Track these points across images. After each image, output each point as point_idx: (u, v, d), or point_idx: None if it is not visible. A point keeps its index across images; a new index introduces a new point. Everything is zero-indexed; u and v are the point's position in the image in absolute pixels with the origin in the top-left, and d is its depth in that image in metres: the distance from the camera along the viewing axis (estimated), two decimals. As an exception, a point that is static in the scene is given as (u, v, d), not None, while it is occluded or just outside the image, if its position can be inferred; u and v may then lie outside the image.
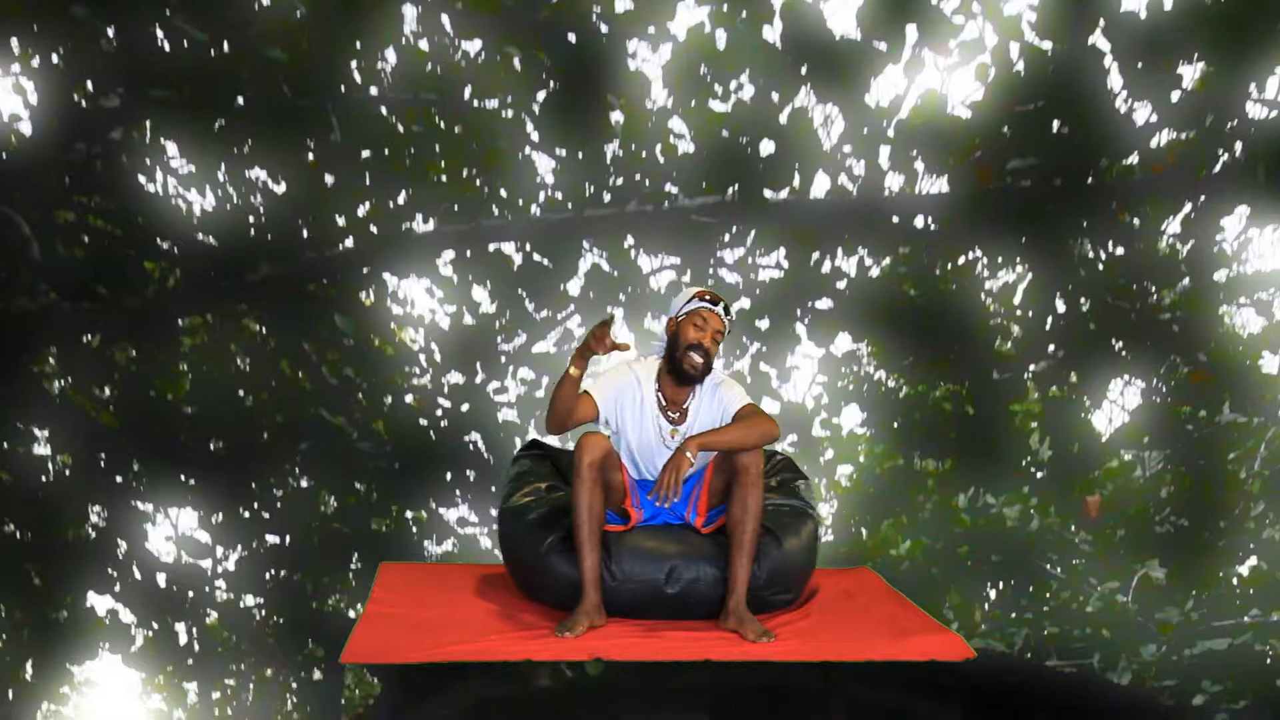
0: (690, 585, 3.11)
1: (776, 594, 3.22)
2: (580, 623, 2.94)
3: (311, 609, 7.85)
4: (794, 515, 3.35)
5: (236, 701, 12.58)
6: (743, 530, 3.08)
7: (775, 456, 3.70)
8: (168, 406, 6.21)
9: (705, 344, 3.19)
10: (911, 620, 3.25)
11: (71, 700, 14.55)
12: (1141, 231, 5.46)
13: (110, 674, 20.21)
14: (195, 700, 14.50)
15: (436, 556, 8.05)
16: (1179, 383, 6.39)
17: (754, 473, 3.07)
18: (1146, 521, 7.34)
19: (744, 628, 3.00)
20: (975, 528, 9.04)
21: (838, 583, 3.56)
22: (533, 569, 3.17)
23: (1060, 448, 6.81)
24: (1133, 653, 9.20)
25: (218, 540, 7.01)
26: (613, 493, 3.18)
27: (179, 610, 7.55)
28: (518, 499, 3.28)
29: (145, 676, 15.07)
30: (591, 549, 3.03)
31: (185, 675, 13.31)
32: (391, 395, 6.42)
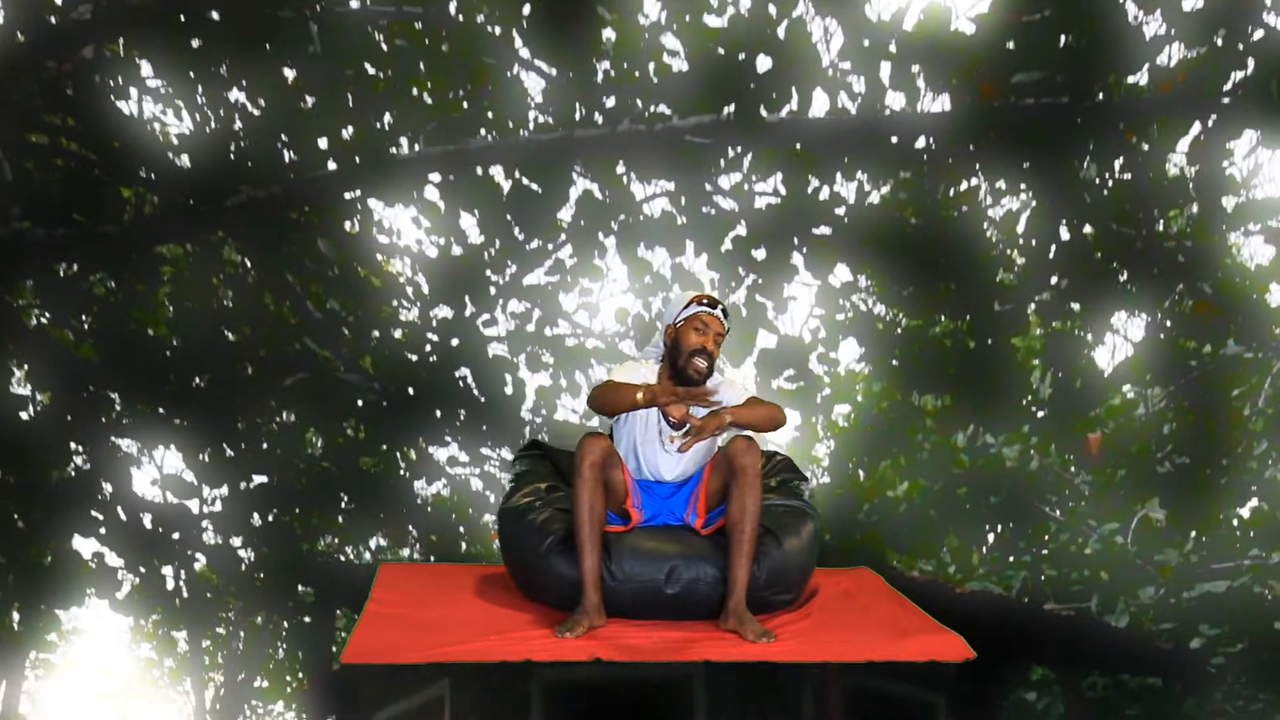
0: (690, 585, 3.15)
1: (776, 594, 3.25)
2: (580, 623, 2.98)
3: (301, 551, 7.85)
4: (794, 515, 3.40)
5: (227, 650, 12.67)
6: (741, 531, 3.11)
7: (775, 457, 3.72)
8: (149, 341, 6.14)
9: (708, 347, 3.25)
10: (911, 620, 3.27)
11: (60, 648, 14.68)
12: (1149, 154, 5.37)
13: (98, 621, 20.20)
14: (185, 649, 14.61)
15: (428, 499, 8.05)
16: (1184, 316, 6.34)
17: (752, 473, 3.12)
18: (1148, 460, 7.34)
19: (744, 628, 3.03)
20: (974, 469, 9.08)
21: (838, 583, 3.60)
22: (533, 569, 3.21)
23: (1061, 384, 6.78)
24: (1131, 595, 9.28)
25: (204, 480, 6.97)
26: (613, 493, 3.22)
27: (166, 553, 7.52)
28: (518, 499, 3.33)
29: (134, 623, 15.19)
30: (592, 549, 3.06)
31: (174, 623, 13.42)
32: (379, 330, 6.36)
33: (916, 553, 8.70)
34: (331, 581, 8.63)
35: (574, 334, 6.61)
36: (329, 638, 9.35)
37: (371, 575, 9.71)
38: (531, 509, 3.28)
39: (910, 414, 6.78)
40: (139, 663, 16.15)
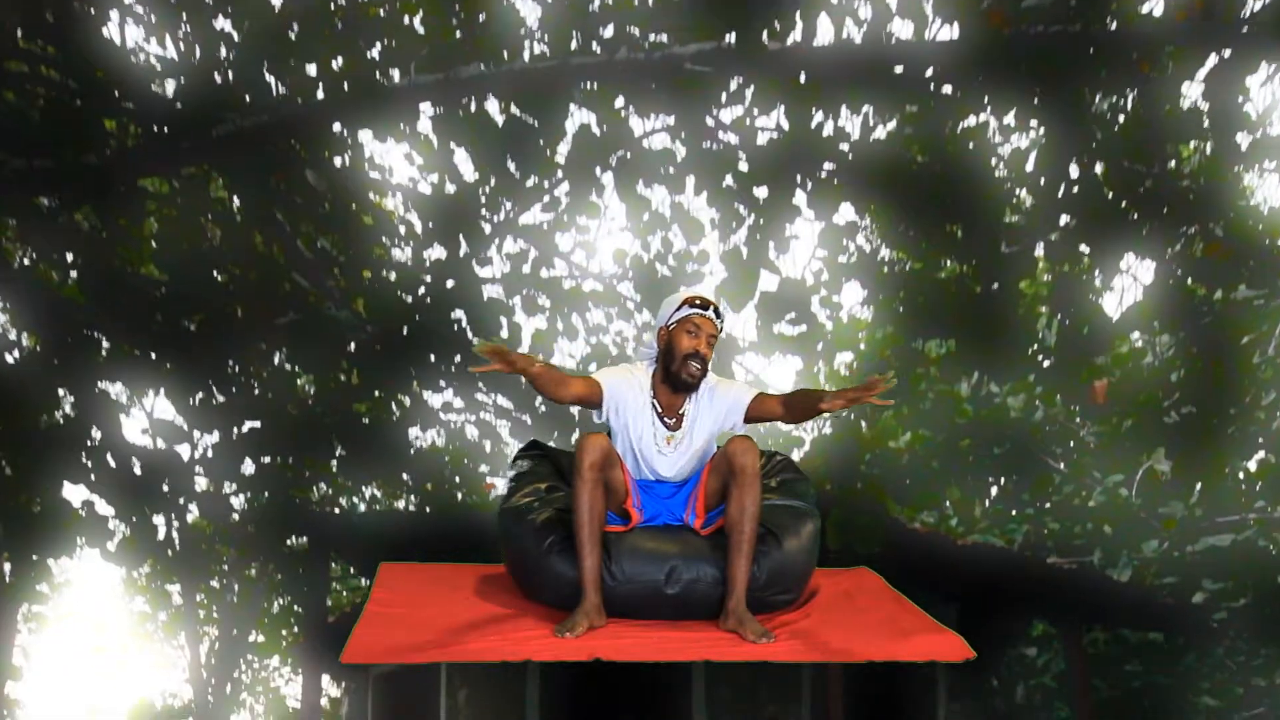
0: (690, 586, 3.16)
1: (776, 594, 3.26)
2: (580, 623, 2.99)
3: (294, 500, 7.86)
4: (794, 515, 3.39)
5: (221, 603, 12.75)
6: (741, 531, 3.12)
7: (775, 457, 3.73)
8: (136, 281, 6.09)
9: (702, 350, 3.23)
10: (911, 620, 3.27)
11: (52, 601, 14.74)
12: (1162, 87, 5.28)
13: (90, 573, 20.40)
14: (179, 603, 14.70)
15: (422, 447, 8.05)
16: (1194, 259, 6.28)
17: (750, 473, 3.12)
18: (1155, 409, 7.31)
19: (744, 628, 3.04)
20: (978, 419, 9.06)
21: (838, 583, 3.61)
22: (533, 569, 3.22)
23: (1068, 330, 6.73)
24: (1134, 549, 9.31)
25: (194, 425, 6.94)
26: (614, 493, 3.22)
27: (156, 501, 7.52)
28: (518, 499, 3.33)
29: (126, 575, 15.27)
30: (592, 549, 3.07)
31: (168, 575, 13.48)
32: (371, 270, 6.30)
33: (918, 504, 8.70)
34: (325, 532, 8.66)
35: (571, 275, 6.55)
36: (323, 589, 9.39)
37: (365, 526, 9.79)
38: (531, 509, 3.29)
39: (914, 360, 6.73)
40: (133, 616, 16.23)
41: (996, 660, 12.29)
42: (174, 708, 18.80)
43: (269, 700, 18.63)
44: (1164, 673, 11.66)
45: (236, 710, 18.03)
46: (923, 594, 10.79)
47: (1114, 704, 11.98)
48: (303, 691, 9.19)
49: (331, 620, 11.12)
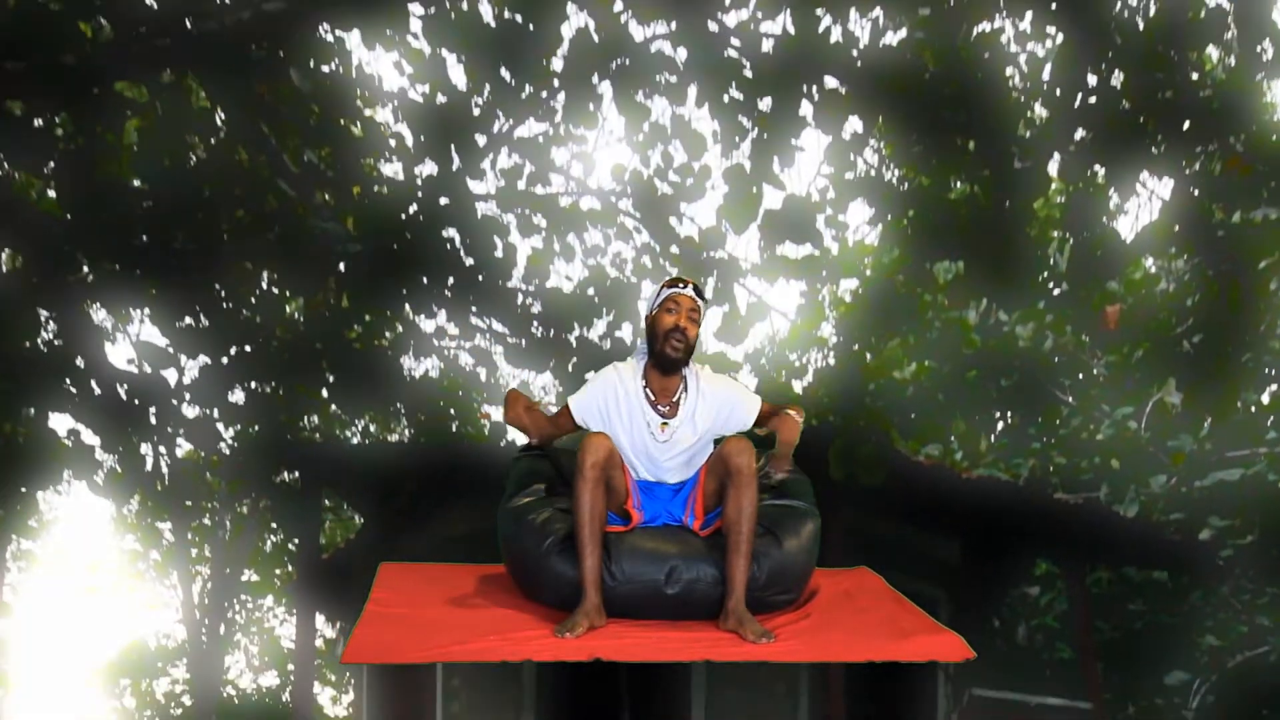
0: (690, 586, 3.21)
1: (776, 594, 3.31)
2: (580, 623, 3.03)
3: (284, 430, 7.81)
4: (794, 515, 3.43)
5: (213, 540, 12.83)
6: (738, 531, 3.16)
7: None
8: (117, 196, 5.96)
9: (681, 324, 3.30)
10: (911, 620, 3.30)
11: (41, 537, 14.85)
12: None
13: (80, 510, 20.52)
14: (170, 541, 14.79)
15: (416, 375, 7.98)
16: (1212, 176, 6.17)
17: (746, 474, 3.16)
18: (1167, 335, 7.23)
19: (743, 628, 3.08)
20: (985, 349, 9.00)
21: (837, 583, 3.65)
22: (533, 569, 3.26)
23: (1081, 252, 6.64)
24: (1141, 484, 9.31)
25: (180, 349, 6.86)
26: (615, 493, 3.27)
27: (143, 429, 7.46)
28: (518, 499, 3.37)
29: (116, 513, 15.36)
30: (593, 549, 3.11)
31: (159, 513, 13.52)
32: (360, 185, 6.18)
33: (923, 437, 8.68)
34: (317, 465, 8.63)
35: (568, 192, 6.44)
36: (315, 525, 9.41)
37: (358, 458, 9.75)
38: (531, 509, 3.34)
39: (921, 280, 6.63)
40: (124, 555, 16.36)
41: (998, 600, 12.38)
42: (168, 648, 19.02)
43: (263, 641, 18.87)
44: (1167, 612, 11.76)
45: (231, 651, 18.25)
46: (926, 529, 10.88)
47: (1116, 645, 12.09)
48: (297, 632, 9.27)
49: (325, 557, 11.18)
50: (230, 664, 18.10)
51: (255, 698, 18.63)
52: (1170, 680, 11.13)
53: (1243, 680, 11.02)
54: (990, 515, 9.43)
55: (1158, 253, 7.31)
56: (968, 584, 11.09)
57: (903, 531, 9.85)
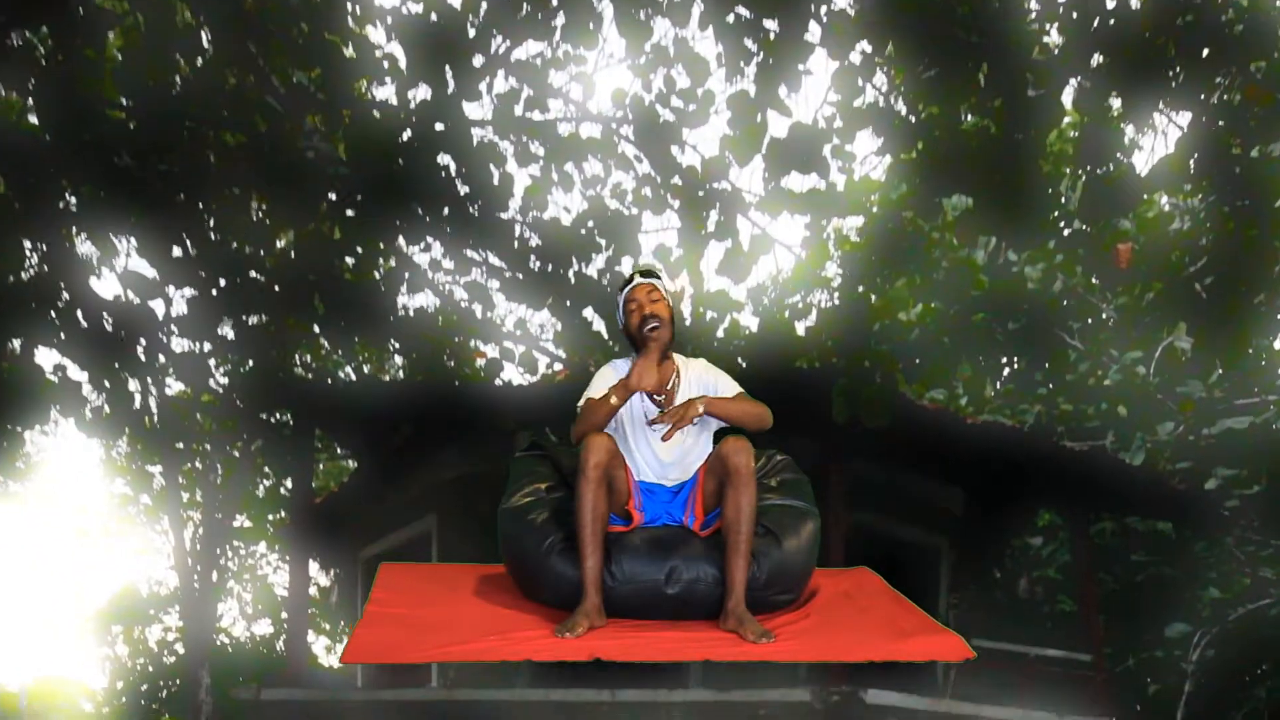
0: (690, 586, 3.27)
1: (776, 594, 3.36)
2: (580, 623, 3.08)
3: (275, 366, 7.76)
4: (794, 515, 3.49)
5: (204, 484, 12.80)
6: (737, 531, 3.21)
7: (775, 457, 3.83)
8: (100, 118, 5.86)
9: (648, 311, 3.46)
10: (911, 620, 3.35)
11: (29, 478, 14.86)
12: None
13: (68, 451, 20.66)
14: (161, 484, 14.80)
15: (410, 311, 7.92)
16: (1232, 107, 6.07)
17: (745, 473, 3.22)
18: (1179, 275, 7.16)
19: (743, 628, 3.13)
20: (993, 291, 8.95)
21: (837, 583, 3.71)
22: (533, 569, 3.33)
23: (1094, 189, 6.55)
24: (1149, 431, 9.31)
25: (167, 279, 6.79)
26: (616, 494, 3.33)
27: (131, 363, 7.41)
28: (518, 499, 3.45)
29: (105, 455, 15.34)
30: (594, 550, 3.17)
31: (148, 456, 13.51)
32: (352, 109, 6.08)
33: (928, 381, 8.64)
34: (309, 403, 8.61)
35: (566, 117, 6.34)
36: (308, 468, 9.41)
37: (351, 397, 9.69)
38: (532, 509, 3.41)
39: (929, 214, 6.54)
40: (114, 499, 16.35)
41: (1000, 551, 12.45)
42: (160, 595, 19.15)
43: (256, 588, 18.97)
44: (1170, 564, 11.83)
45: (224, 598, 18.38)
46: (929, 475, 10.86)
47: (1117, 597, 12.18)
48: (290, 579, 9.29)
49: (318, 501, 11.21)
50: (223, 612, 18.28)
51: (249, 646, 18.79)
52: (1171, 633, 11.22)
53: (1243, 633, 11.12)
54: (994, 462, 9.44)
55: (1172, 189, 7.22)
56: (970, 533, 11.14)
57: (905, 478, 9.86)
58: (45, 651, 44.62)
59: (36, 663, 38.02)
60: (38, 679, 24.17)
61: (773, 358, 7.83)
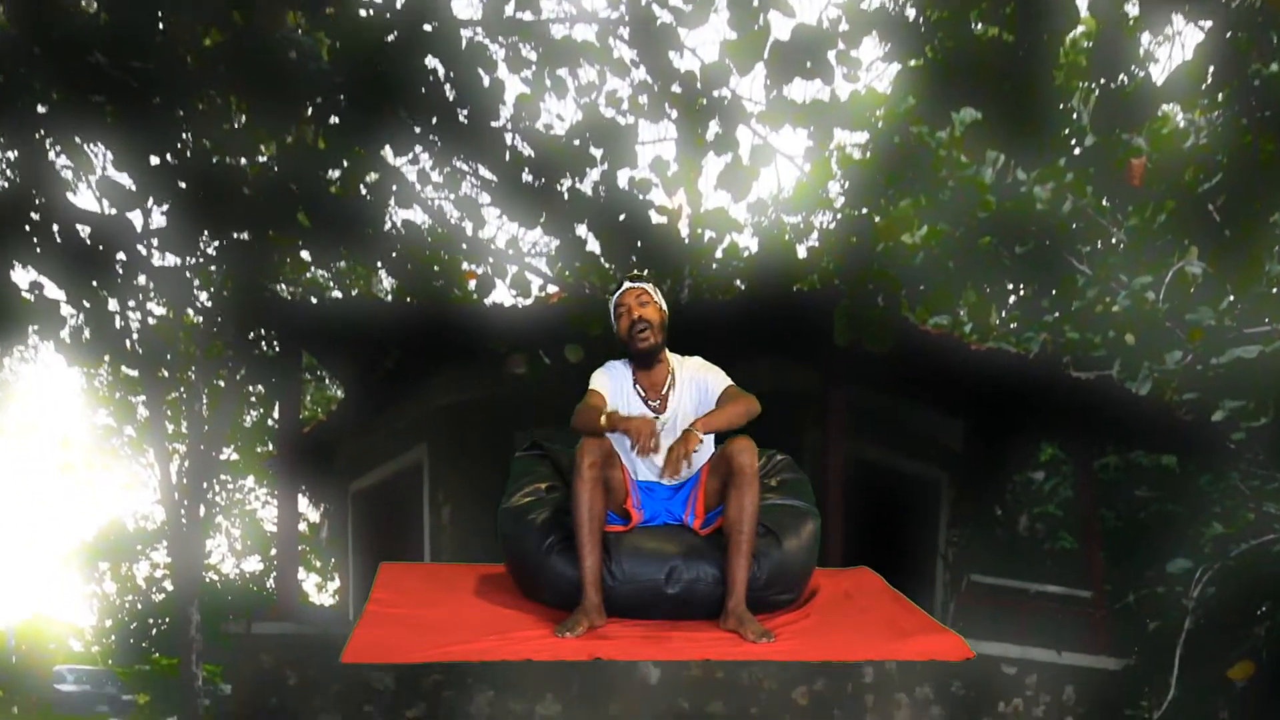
0: (690, 585, 3.37)
1: (777, 594, 3.47)
2: (580, 623, 3.18)
3: (259, 284, 7.66)
4: (794, 515, 3.59)
5: (189, 413, 12.77)
6: (740, 531, 3.29)
7: (776, 457, 3.93)
8: (72, 12, 5.70)
9: (636, 316, 3.61)
10: (911, 620, 3.41)
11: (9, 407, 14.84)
12: None
13: (50, 381, 20.75)
14: (145, 416, 14.78)
15: (399, 226, 7.80)
16: (1253, 12, 5.93)
17: (749, 473, 3.31)
18: (1193, 194, 7.06)
19: (744, 628, 3.23)
20: (1000, 212, 8.84)
21: (838, 583, 3.80)
22: (533, 569, 3.42)
23: (1107, 101, 6.42)
24: (1156, 360, 9.25)
25: (145, 189, 6.65)
26: (613, 493, 3.42)
27: (110, 279, 7.29)
28: (518, 499, 3.56)
29: (87, 385, 15.32)
30: (592, 549, 3.25)
31: (131, 386, 13.49)
32: (335, 7, 5.91)
33: (932, 306, 8.57)
34: (295, 325, 8.53)
35: (560, 18, 6.18)
36: (295, 395, 9.34)
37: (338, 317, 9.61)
38: (531, 509, 3.49)
39: (939, 121, 6.41)
40: (97, 431, 16.34)
41: (1001, 485, 12.50)
42: (146, 530, 19.24)
43: (245, 524, 19.08)
44: (1174, 500, 11.86)
45: (212, 534, 18.46)
46: (930, 404, 10.82)
47: (1119, 534, 12.25)
48: (279, 514, 9.28)
49: (306, 431, 11.19)
50: (212, 548, 18.37)
51: (239, 583, 18.94)
52: (1172, 568, 11.28)
53: (1245, 570, 11.18)
54: (998, 391, 9.42)
55: (1188, 104, 7.09)
56: (970, 468, 11.16)
57: (906, 409, 9.85)
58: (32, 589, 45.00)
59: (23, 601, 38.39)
60: (25, 618, 24.41)
61: (773, 280, 7.76)
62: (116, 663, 22.26)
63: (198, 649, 15.29)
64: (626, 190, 6.81)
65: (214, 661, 19.13)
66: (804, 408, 8.99)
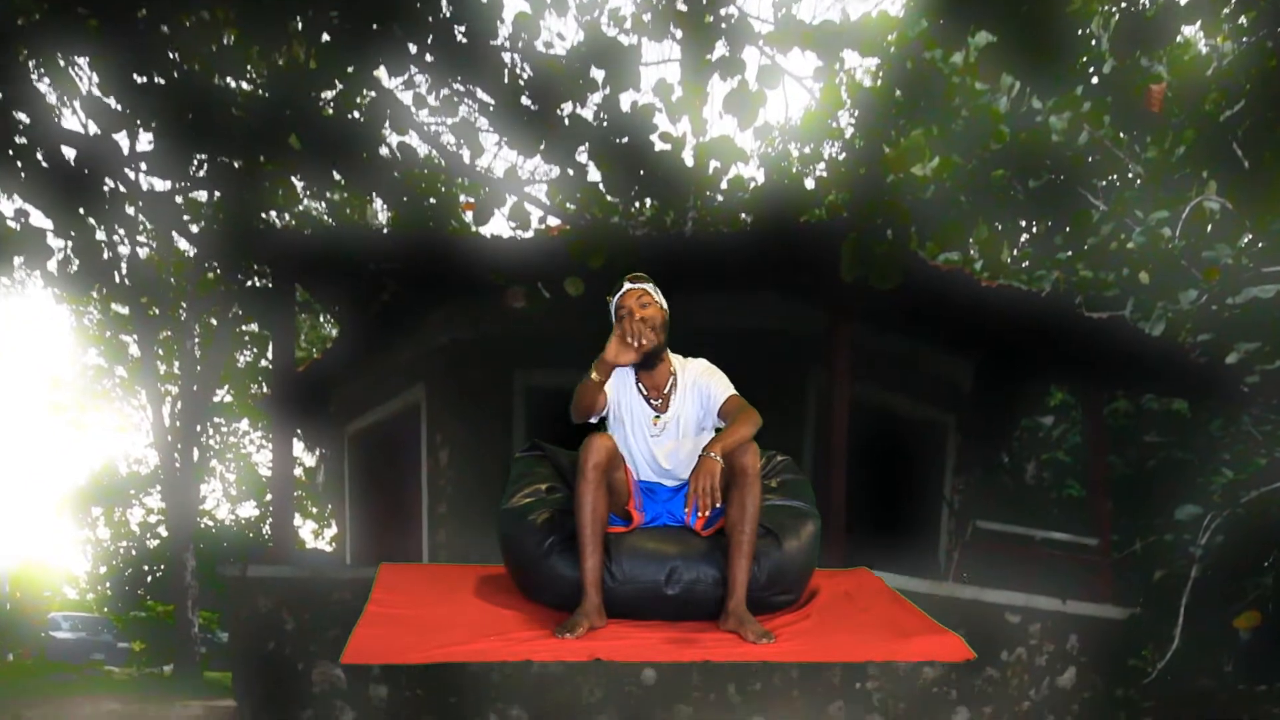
0: (690, 586, 3.41)
1: (777, 595, 3.51)
2: (580, 624, 3.21)
3: (251, 214, 7.55)
4: (794, 516, 3.62)
5: (181, 351, 12.72)
6: (741, 532, 3.32)
7: (776, 458, 3.97)
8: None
9: (637, 317, 3.63)
10: (910, 621, 3.45)
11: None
12: None
13: (38, 318, 20.62)
14: (137, 355, 14.72)
15: (395, 152, 7.68)
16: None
17: (752, 474, 3.33)
18: (1215, 121, 6.94)
19: (744, 629, 3.26)
20: (1015, 144, 8.70)
21: (838, 584, 3.84)
22: (533, 570, 3.45)
23: (1128, 22, 6.28)
24: (1171, 300, 9.18)
25: (132, 110, 6.54)
26: (616, 494, 3.46)
27: (96, 205, 7.20)
28: (518, 500, 3.58)
29: (77, 323, 15.27)
30: (594, 550, 3.29)
31: (122, 325, 13.43)
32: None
33: (942, 241, 8.46)
34: (287, 254, 8.42)
35: (563, -72, 6.03)
36: (289, 326, 9.26)
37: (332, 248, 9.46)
38: (531, 509, 3.52)
39: (952, 40, 6.27)
40: (87, 371, 16.25)
41: (1009, 430, 12.46)
42: (140, 475, 19.24)
43: (240, 468, 19.08)
44: (1184, 447, 11.83)
45: (206, 479, 18.46)
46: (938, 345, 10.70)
47: (1128, 482, 12.23)
48: (274, 458, 9.24)
49: (300, 370, 11.13)
50: (206, 493, 18.39)
51: (235, 529, 18.99)
52: (1180, 515, 11.28)
53: (1254, 518, 11.17)
54: (1008, 331, 9.33)
55: (1211, 28, 6.93)
56: (978, 412, 11.11)
57: (914, 349, 9.78)
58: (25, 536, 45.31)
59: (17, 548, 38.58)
60: (18, 565, 24.54)
61: (779, 212, 7.66)
62: (111, 610, 22.41)
63: (193, 595, 15.40)
64: (629, 114, 6.69)
65: (210, 608, 19.27)
66: (809, 348, 8.92)
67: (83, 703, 11.18)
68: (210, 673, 17.14)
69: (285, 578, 7.74)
